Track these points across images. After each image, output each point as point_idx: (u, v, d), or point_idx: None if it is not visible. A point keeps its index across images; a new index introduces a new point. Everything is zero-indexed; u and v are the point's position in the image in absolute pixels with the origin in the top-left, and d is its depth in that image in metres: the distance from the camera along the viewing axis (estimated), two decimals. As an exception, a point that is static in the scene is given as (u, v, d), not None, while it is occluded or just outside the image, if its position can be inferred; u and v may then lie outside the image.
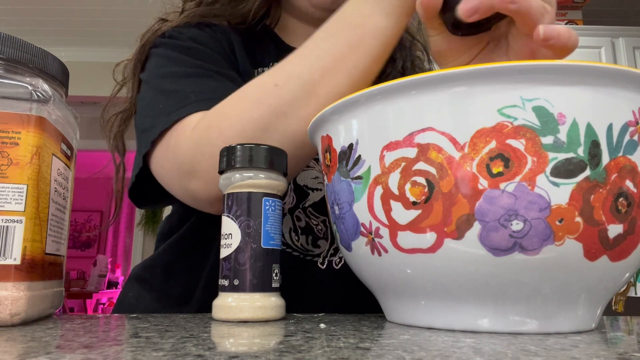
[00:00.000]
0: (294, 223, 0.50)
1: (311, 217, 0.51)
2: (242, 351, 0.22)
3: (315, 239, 0.50)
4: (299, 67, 0.41)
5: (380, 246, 0.30)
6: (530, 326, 0.28)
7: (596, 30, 2.57)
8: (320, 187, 0.52)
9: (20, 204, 0.30)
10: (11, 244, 0.30)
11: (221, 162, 0.37)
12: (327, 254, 0.51)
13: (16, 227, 0.30)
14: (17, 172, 0.30)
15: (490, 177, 0.26)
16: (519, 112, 0.26)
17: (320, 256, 0.50)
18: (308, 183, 0.51)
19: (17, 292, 0.29)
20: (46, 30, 3.13)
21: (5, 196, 0.30)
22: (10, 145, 0.30)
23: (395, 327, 0.31)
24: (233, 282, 0.34)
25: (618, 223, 0.27)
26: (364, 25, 0.40)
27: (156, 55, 0.53)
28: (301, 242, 0.50)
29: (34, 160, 0.31)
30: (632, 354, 0.22)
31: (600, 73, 0.26)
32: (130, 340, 0.24)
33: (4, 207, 0.30)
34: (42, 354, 0.20)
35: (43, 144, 0.32)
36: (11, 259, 0.30)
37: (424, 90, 0.28)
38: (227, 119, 0.41)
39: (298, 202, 0.51)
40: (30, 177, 0.31)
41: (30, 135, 0.31)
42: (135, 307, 0.54)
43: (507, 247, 0.26)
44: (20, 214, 0.30)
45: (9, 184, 0.30)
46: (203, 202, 0.44)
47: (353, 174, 0.31)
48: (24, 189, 0.30)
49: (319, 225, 0.51)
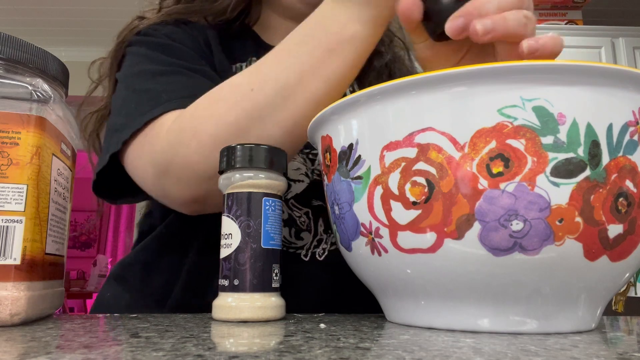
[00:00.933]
0: None
1: (293, 209, 0.50)
2: (242, 351, 0.22)
3: (298, 231, 0.50)
4: (275, 70, 0.41)
5: (380, 246, 0.30)
6: (530, 326, 0.28)
7: (596, 30, 2.56)
8: (303, 179, 0.51)
9: (20, 204, 0.30)
10: (11, 244, 0.30)
11: (221, 162, 0.37)
12: (311, 245, 0.50)
13: (16, 227, 0.30)
14: (17, 172, 0.30)
15: (490, 177, 0.26)
16: (519, 112, 0.26)
17: (304, 248, 0.50)
18: (290, 174, 0.51)
19: (17, 292, 0.29)
20: (46, 30, 3.13)
21: (5, 196, 0.30)
22: (10, 145, 0.30)
23: (395, 327, 0.31)
24: (233, 282, 0.34)
25: (618, 223, 0.27)
26: (341, 32, 0.40)
27: (131, 53, 0.53)
28: (284, 235, 0.49)
29: (34, 160, 0.31)
30: (632, 354, 0.22)
31: (600, 73, 0.26)
32: (130, 340, 0.24)
33: (4, 207, 0.30)
34: (42, 354, 0.20)
35: (43, 144, 0.32)
36: (11, 259, 0.30)
37: (424, 90, 0.28)
38: (202, 121, 0.40)
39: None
40: (30, 177, 0.31)
41: (30, 135, 0.31)
42: (113, 306, 0.54)
43: (507, 247, 0.26)
44: (21, 214, 0.30)
45: (9, 184, 0.30)
46: (177, 202, 0.44)
47: (353, 174, 0.31)
48: (24, 189, 0.30)
49: (302, 217, 0.50)
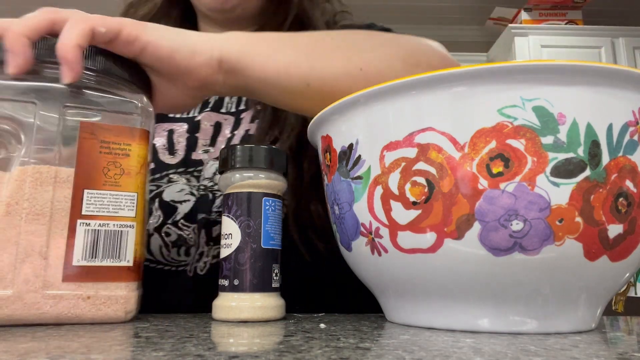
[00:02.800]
0: (163, 239, 0.49)
1: (183, 229, 0.49)
2: (242, 351, 0.22)
3: (188, 248, 0.49)
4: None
5: (380, 246, 0.30)
6: (530, 326, 0.28)
7: (596, 30, 2.57)
8: (189, 198, 0.50)
9: (132, 210, 0.33)
10: (125, 247, 0.32)
11: (221, 162, 0.37)
12: (194, 260, 0.49)
13: (129, 231, 0.33)
14: (128, 181, 0.33)
15: (490, 177, 0.26)
16: (519, 112, 0.26)
17: (189, 265, 0.49)
18: (174, 197, 0.50)
19: (130, 291, 0.32)
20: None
21: (119, 203, 0.32)
22: (122, 157, 0.33)
23: (395, 327, 0.31)
24: (233, 282, 0.34)
25: (618, 223, 0.27)
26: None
27: None
28: (172, 256, 0.49)
29: (142, 170, 0.34)
30: (632, 354, 0.22)
31: (600, 73, 0.26)
32: (130, 340, 0.24)
33: (119, 213, 0.32)
34: (42, 354, 0.20)
35: (146, 154, 0.34)
36: (125, 261, 0.32)
37: (424, 90, 0.28)
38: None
39: (166, 219, 0.49)
40: (139, 186, 0.34)
41: (139, 146, 0.34)
42: None
43: (507, 247, 0.26)
44: (132, 220, 0.33)
45: (122, 192, 0.33)
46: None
47: (353, 174, 0.31)
48: (135, 197, 0.33)
49: (190, 234, 0.49)
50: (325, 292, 0.50)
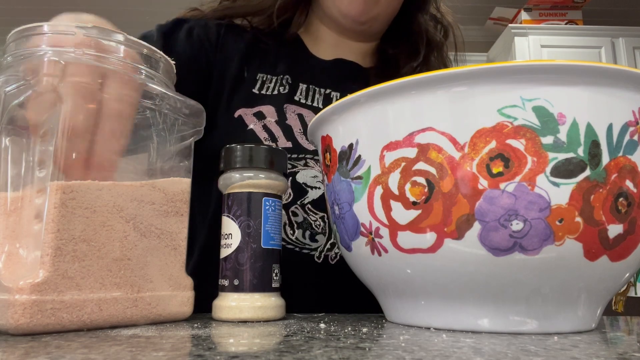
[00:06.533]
0: (289, 218, 0.51)
1: (309, 214, 0.52)
2: (242, 351, 0.22)
3: (314, 234, 0.52)
4: None
5: (380, 246, 0.30)
6: (530, 326, 0.28)
7: (596, 30, 2.56)
8: (319, 186, 0.53)
9: None
10: None
11: (221, 162, 0.37)
12: (324, 248, 0.52)
13: None
14: None
15: (490, 177, 0.26)
16: (519, 112, 0.26)
17: (317, 250, 0.51)
18: (307, 181, 0.53)
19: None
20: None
21: None
22: None
23: (395, 327, 0.31)
24: (233, 282, 0.34)
25: (618, 223, 0.27)
26: None
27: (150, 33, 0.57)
28: (296, 236, 0.51)
29: None
30: (632, 354, 0.22)
31: (600, 73, 0.26)
32: (130, 340, 0.24)
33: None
34: (42, 354, 0.20)
35: None
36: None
37: (424, 90, 0.28)
38: None
39: (295, 199, 0.52)
40: None
41: None
42: None
43: (507, 247, 0.26)
44: None
45: None
46: None
47: (353, 174, 0.31)
48: None
49: (317, 221, 0.52)
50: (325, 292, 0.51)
